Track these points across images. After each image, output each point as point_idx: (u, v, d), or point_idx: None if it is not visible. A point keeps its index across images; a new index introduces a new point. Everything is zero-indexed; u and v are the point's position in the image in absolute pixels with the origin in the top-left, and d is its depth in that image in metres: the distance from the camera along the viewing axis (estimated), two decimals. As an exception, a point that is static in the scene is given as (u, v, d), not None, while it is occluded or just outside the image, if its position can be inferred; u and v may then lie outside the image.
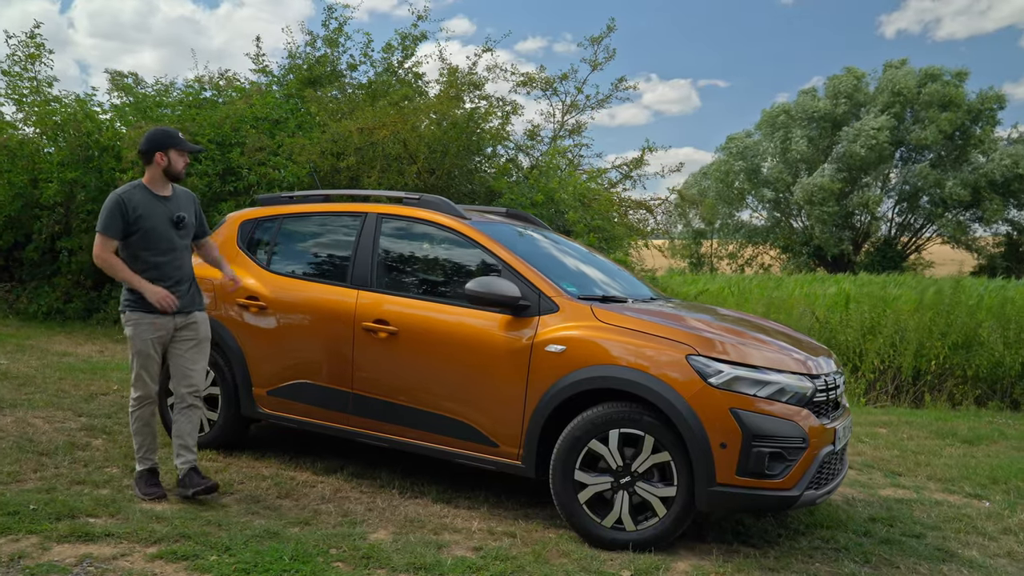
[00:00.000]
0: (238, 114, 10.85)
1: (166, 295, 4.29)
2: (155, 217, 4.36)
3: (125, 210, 4.30)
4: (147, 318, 4.34)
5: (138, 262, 4.35)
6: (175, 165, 4.43)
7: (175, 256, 4.42)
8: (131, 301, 4.37)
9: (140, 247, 4.34)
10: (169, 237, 4.39)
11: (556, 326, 4.17)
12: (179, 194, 4.54)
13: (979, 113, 41.65)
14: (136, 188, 4.40)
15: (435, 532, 4.10)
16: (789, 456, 3.81)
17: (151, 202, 4.37)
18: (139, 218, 4.31)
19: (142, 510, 4.16)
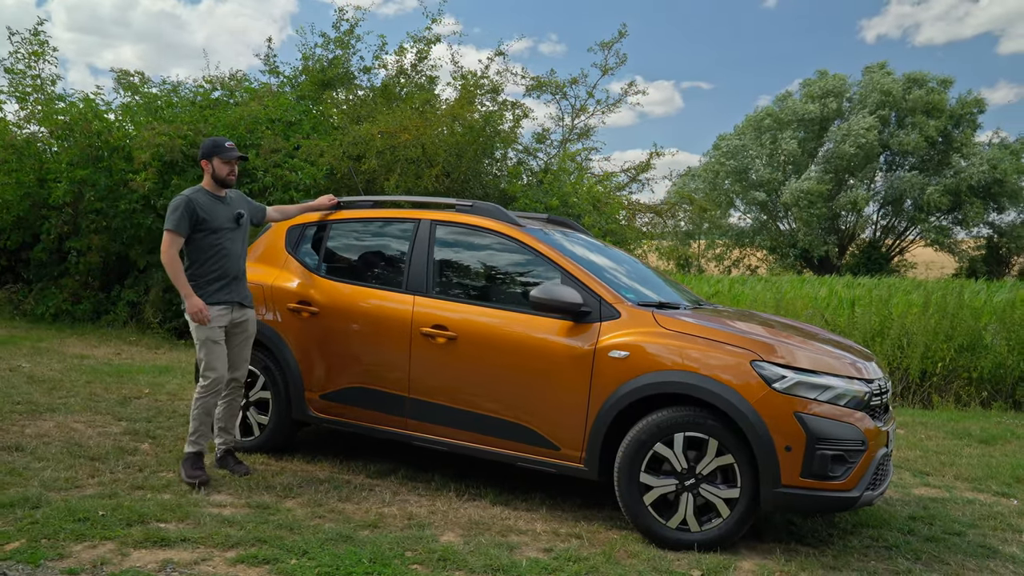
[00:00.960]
0: (252, 115, 10.85)
1: (201, 309, 4.67)
2: (218, 217, 4.78)
3: (193, 210, 4.70)
4: (213, 310, 4.75)
5: (203, 258, 4.75)
6: (219, 172, 4.87)
7: (234, 252, 4.84)
8: (201, 294, 4.72)
9: (206, 244, 4.74)
10: (231, 235, 4.82)
11: (619, 332, 4.28)
12: (232, 195, 4.97)
13: (960, 118, 42.25)
14: (199, 191, 4.83)
15: (502, 534, 4.20)
16: (850, 458, 3.94)
17: (212, 203, 4.80)
18: (205, 219, 4.72)
19: (211, 515, 4.22)
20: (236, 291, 4.85)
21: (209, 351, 4.74)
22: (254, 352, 5.33)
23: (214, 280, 4.76)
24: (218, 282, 4.77)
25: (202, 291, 4.72)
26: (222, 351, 4.78)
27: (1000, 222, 42.22)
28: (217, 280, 4.77)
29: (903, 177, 42.28)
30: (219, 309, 4.76)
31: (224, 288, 4.79)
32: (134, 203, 10.93)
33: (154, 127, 10.52)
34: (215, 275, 4.76)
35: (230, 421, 5.04)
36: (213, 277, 4.76)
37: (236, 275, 4.85)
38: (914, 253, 44.79)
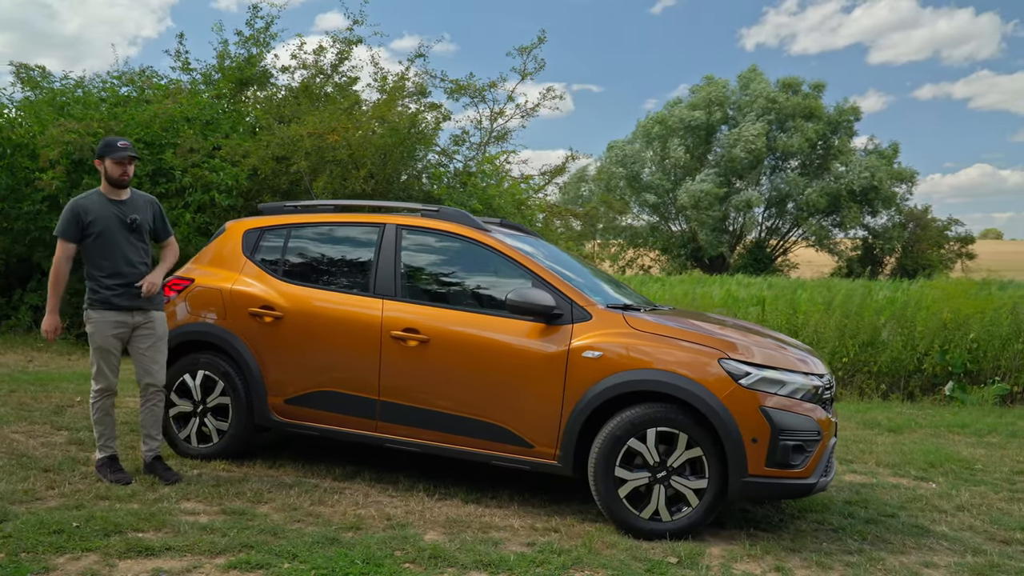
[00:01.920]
0: (167, 113, 10.53)
1: (51, 329, 4.73)
2: (108, 220, 4.69)
3: (77, 214, 4.66)
4: (108, 316, 4.71)
5: (94, 263, 4.70)
6: (111, 172, 4.74)
7: (129, 256, 4.74)
8: (94, 300, 4.72)
9: (95, 249, 4.68)
10: (123, 238, 4.74)
11: (591, 333, 4.47)
12: (135, 198, 4.87)
13: (838, 125, 44.79)
14: (92, 194, 4.77)
15: (483, 531, 4.32)
16: (807, 448, 4.26)
17: (103, 206, 4.73)
18: (91, 223, 4.67)
19: (188, 522, 4.17)
20: (131, 295, 4.73)
21: (100, 359, 4.73)
22: (212, 357, 5.26)
23: (109, 285, 4.69)
24: (113, 288, 4.69)
25: (99, 296, 4.68)
26: (114, 360, 4.76)
27: (874, 224, 44.97)
28: (112, 285, 4.68)
29: (787, 178, 44.50)
30: (115, 315, 4.70)
31: (120, 294, 4.70)
32: (38, 203, 10.44)
33: (63, 124, 10.08)
34: (108, 280, 4.68)
35: (154, 427, 4.93)
36: (108, 282, 4.68)
37: (133, 279, 4.72)
38: (796, 253, 47.17)
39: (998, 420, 8.61)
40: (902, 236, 43.91)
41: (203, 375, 5.29)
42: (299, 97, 11.24)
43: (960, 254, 44.84)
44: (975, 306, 11.10)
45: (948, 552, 4.43)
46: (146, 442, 4.91)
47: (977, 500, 5.47)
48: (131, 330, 4.77)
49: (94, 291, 4.70)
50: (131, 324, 4.75)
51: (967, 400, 9.84)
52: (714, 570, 3.95)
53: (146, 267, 4.82)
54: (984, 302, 11.28)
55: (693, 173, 44.98)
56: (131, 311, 4.74)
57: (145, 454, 4.92)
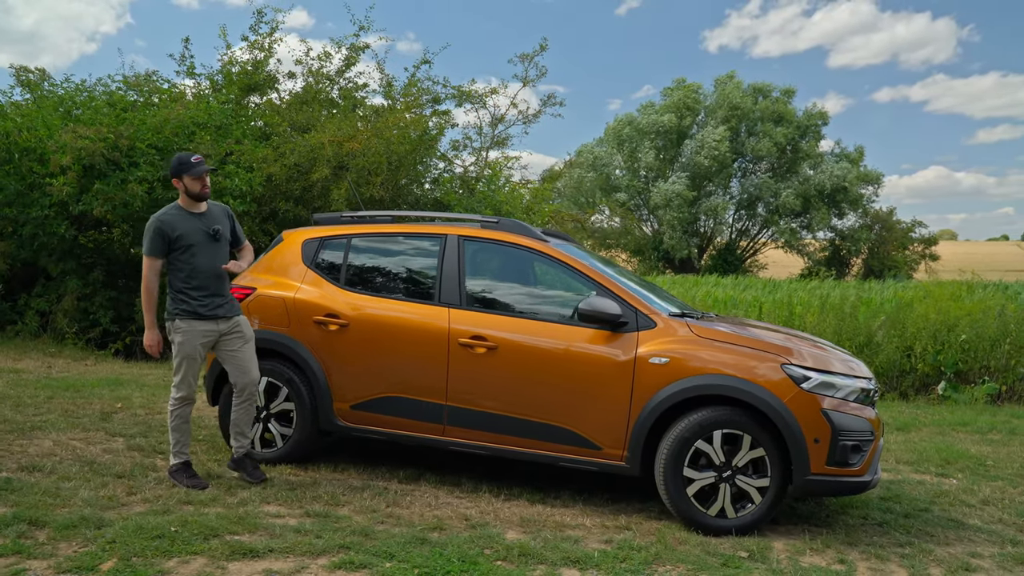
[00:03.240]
0: (178, 118, 10.57)
1: (153, 345, 4.86)
2: (192, 233, 4.86)
3: (162, 231, 4.81)
4: (197, 325, 4.88)
5: (181, 276, 4.85)
6: (191, 188, 4.92)
7: (212, 267, 4.92)
8: (182, 310, 4.87)
9: (182, 262, 4.85)
10: (207, 249, 4.91)
11: (657, 340, 4.72)
12: (212, 209, 5.04)
13: (807, 129, 45.70)
14: (172, 209, 4.94)
15: (559, 529, 4.54)
16: (864, 447, 4.55)
17: (185, 220, 4.88)
18: (178, 237, 4.81)
19: (280, 525, 4.33)
20: (223, 307, 4.94)
21: (186, 368, 4.90)
22: (276, 364, 5.41)
23: (196, 296, 4.86)
24: (200, 299, 4.86)
25: (182, 306, 4.84)
26: (198, 368, 4.94)
27: (842, 226, 45.96)
28: (199, 296, 4.85)
29: (757, 182, 45.33)
30: (203, 324, 4.87)
31: (207, 304, 4.88)
32: (47, 208, 10.42)
33: (74, 130, 10.07)
34: (196, 292, 4.85)
35: (247, 426, 5.13)
36: (195, 294, 4.85)
37: (217, 289, 4.92)
38: (766, 254, 48.01)
39: (993, 418, 9.03)
40: (868, 238, 44.95)
41: (266, 381, 5.43)
42: (311, 104, 11.33)
43: (924, 255, 46.00)
44: (963, 308, 11.57)
45: (988, 543, 4.74)
46: (237, 439, 5.13)
47: (998, 495, 5.81)
48: (218, 337, 4.94)
49: (182, 302, 4.86)
50: (218, 332, 4.93)
51: (959, 399, 10.27)
52: (783, 563, 4.21)
53: (227, 282, 5.02)
54: (972, 305, 11.75)
55: (663, 175, 45.60)
56: (217, 320, 4.92)
57: (236, 450, 5.13)
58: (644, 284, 5.65)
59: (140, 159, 10.29)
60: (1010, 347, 10.65)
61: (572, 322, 4.89)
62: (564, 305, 5.09)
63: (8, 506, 4.33)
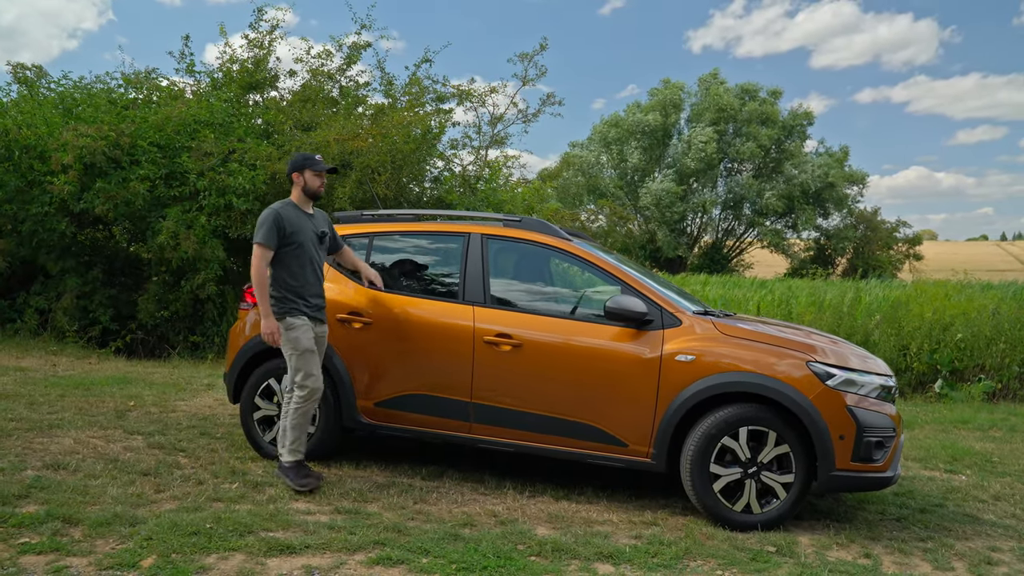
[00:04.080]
0: (180, 117, 10.53)
1: (274, 331, 4.83)
2: (304, 232, 4.88)
3: (280, 223, 4.79)
4: (309, 322, 4.91)
5: (290, 273, 4.84)
6: (311, 184, 4.96)
7: (317, 269, 4.95)
8: (292, 309, 4.86)
9: (292, 260, 4.83)
10: (315, 251, 4.93)
11: (683, 338, 4.77)
12: (317, 213, 5.07)
13: (792, 129, 46.06)
14: (288, 204, 4.92)
15: (588, 525, 4.59)
16: (886, 444, 4.63)
17: (299, 217, 4.90)
18: (292, 233, 4.81)
19: (313, 521, 4.36)
20: (322, 310, 5.02)
21: (306, 360, 4.86)
22: (299, 362, 5.42)
23: (302, 294, 4.88)
24: (305, 296, 4.89)
25: (291, 304, 4.84)
26: (316, 359, 4.92)
27: (827, 226, 46.34)
28: (304, 294, 4.89)
29: (742, 182, 45.65)
30: (305, 320, 4.89)
31: (310, 302, 4.92)
32: (47, 206, 10.35)
33: (76, 128, 10.01)
34: (301, 289, 4.88)
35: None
36: (301, 291, 4.87)
37: (321, 295, 5.01)
38: (752, 254, 48.34)
39: (992, 416, 9.17)
40: (853, 237, 45.35)
41: (289, 380, 5.44)
42: (315, 102, 11.32)
43: (908, 255, 46.47)
44: (958, 307, 11.73)
45: (1005, 537, 4.83)
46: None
47: (1008, 490, 5.91)
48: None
49: (291, 300, 4.86)
50: (314, 332, 4.95)
51: (956, 397, 10.42)
52: (810, 558, 4.28)
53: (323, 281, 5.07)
54: (966, 304, 11.91)
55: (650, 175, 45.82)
56: (316, 323, 4.98)
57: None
58: (667, 283, 5.71)
59: (142, 157, 10.25)
60: (1005, 345, 10.81)
61: (597, 320, 4.94)
62: (588, 303, 5.14)
63: (39, 504, 4.33)
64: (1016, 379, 10.68)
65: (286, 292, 4.87)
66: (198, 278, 10.16)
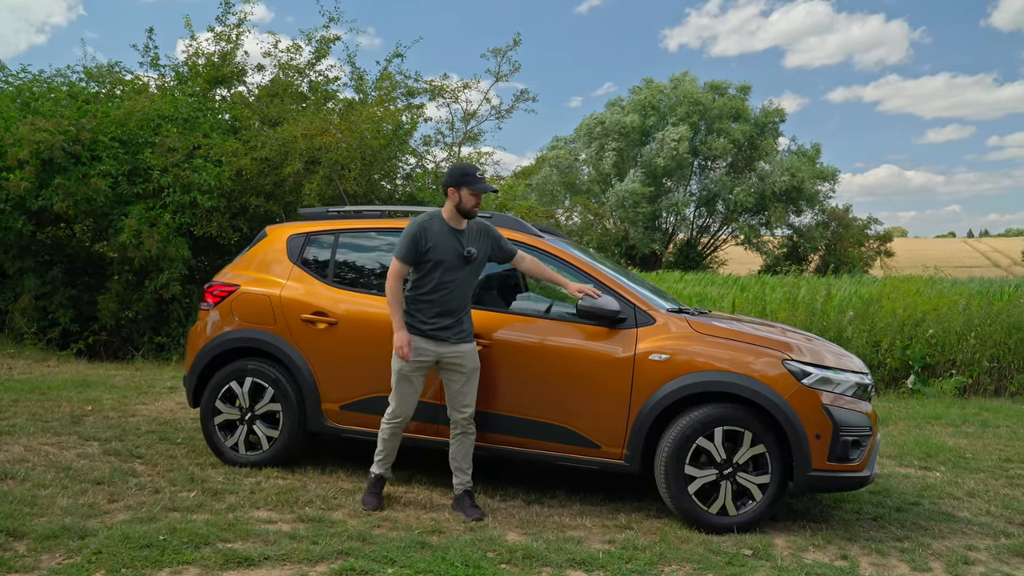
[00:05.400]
0: (143, 111, 10.26)
1: (403, 346, 4.53)
2: (446, 251, 4.56)
3: (419, 239, 4.53)
4: (416, 341, 4.60)
5: (422, 289, 4.59)
6: (465, 203, 4.61)
7: (457, 291, 4.61)
8: (407, 324, 4.61)
9: (427, 277, 4.58)
10: (455, 272, 4.59)
11: (657, 337, 4.65)
12: (472, 227, 4.71)
13: (764, 126, 46.29)
14: (435, 218, 4.63)
15: (560, 530, 4.46)
16: (863, 443, 4.55)
17: (445, 234, 4.59)
18: (431, 248, 4.54)
19: (273, 531, 4.18)
20: (450, 329, 4.61)
21: (397, 387, 4.64)
22: (261, 364, 5.25)
23: (429, 315, 4.59)
24: (432, 318, 4.58)
25: (411, 319, 4.61)
26: (412, 388, 4.65)
27: (799, 223, 46.66)
28: (431, 315, 4.58)
29: (715, 179, 45.84)
30: (423, 343, 4.58)
31: (436, 326, 4.59)
32: (3, 203, 10.03)
33: (33, 123, 9.71)
34: (430, 309, 4.58)
35: (464, 460, 4.74)
36: (428, 312, 4.58)
37: (454, 314, 4.61)
38: (726, 251, 48.55)
39: (964, 411, 9.16)
40: (825, 235, 45.69)
41: (251, 382, 5.26)
42: (282, 97, 11.08)
43: (879, 252, 46.90)
44: (929, 303, 11.75)
45: (981, 535, 4.77)
46: (457, 475, 4.77)
47: (982, 487, 5.86)
48: (435, 360, 4.64)
49: (408, 315, 4.61)
50: (437, 354, 4.62)
51: (928, 393, 10.43)
52: (787, 560, 4.18)
53: (467, 307, 4.70)
54: (937, 300, 11.94)
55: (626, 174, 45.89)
56: (438, 341, 4.61)
57: (456, 487, 4.77)
58: (641, 281, 5.60)
59: (103, 152, 9.97)
60: (975, 341, 10.84)
61: (569, 319, 4.81)
62: (560, 302, 5.01)
63: (-17, 516, 4.12)
64: (987, 374, 10.71)
65: (410, 305, 4.63)
66: (162, 278, 9.91)
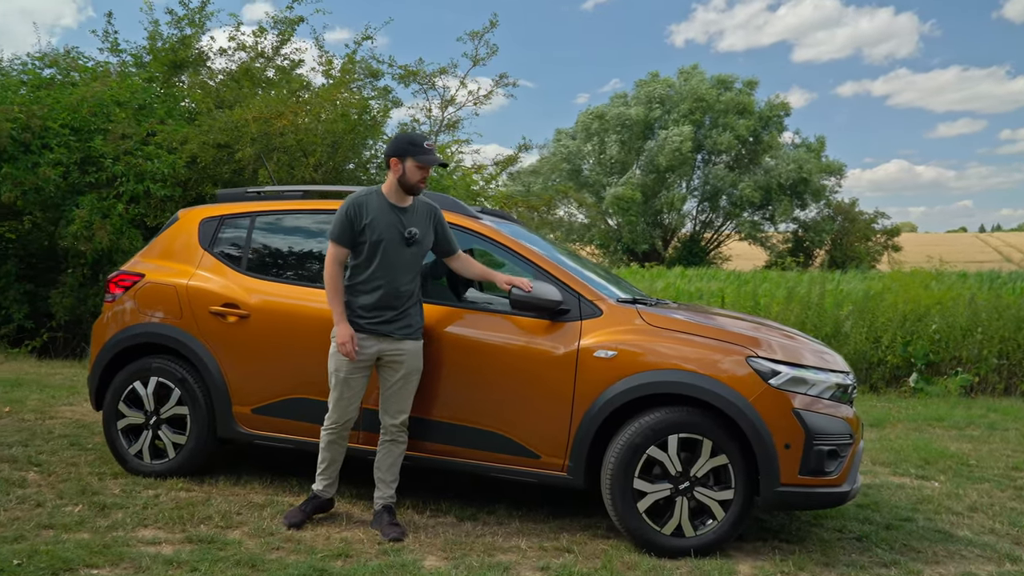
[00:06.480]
0: (96, 97, 9.71)
1: (347, 342, 3.96)
2: (385, 228, 3.99)
3: (352, 215, 3.95)
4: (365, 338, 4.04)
5: (358, 273, 4.01)
6: (410, 176, 4.02)
7: (396, 275, 4.01)
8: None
9: (364, 258, 4.02)
10: (396, 253, 4.01)
11: (603, 330, 4.05)
12: (417, 207, 4.12)
13: (769, 120, 45.48)
14: (373, 193, 4.08)
15: (488, 554, 3.86)
16: (841, 452, 3.93)
17: (384, 210, 4.02)
18: (367, 227, 3.98)
19: (150, 555, 3.61)
20: (393, 323, 4.03)
21: (336, 388, 4.07)
22: (167, 362, 4.68)
23: (367, 306, 4.02)
24: (372, 311, 4.01)
25: (351, 314, 4.03)
26: (352, 391, 4.07)
27: (804, 218, 45.85)
28: (370, 307, 4.01)
29: (718, 174, 45.06)
30: (360, 338, 4.01)
31: (377, 319, 4.02)
32: (-50, 194, 9.49)
33: (-19, 108, 9.17)
34: (366, 297, 4.01)
35: (389, 472, 4.17)
36: (367, 302, 4.01)
37: (393, 302, 4.02)
38: (730, 246, 47.81)
39: (969, 412, 8.52)
40: (831, 229, 44.87)
41: (156, 382, 4.69)
42: (240, 81, 10.51)
43: (886, 246, 46.04)
44: (933, 297, 11.09)
45: (982, 560, 4.15)
46: (379, 487, 4.19)
47: (986, 499, 5.24)
48: (375, 357, 4.07)
49: (350, 309, 4.03)
50: (376, 352, 4.05)
51: (931, 392, 9.78)
52: (750, 591, 3.57)
53: (412, 297, 4.09)
54: (942, 293, 11.29)
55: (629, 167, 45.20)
56: (379, 336, 4.03)
57: (376, 501, 4.19)
58: (592, 267, 5.00)
59: (53, 141, 9.41)
60: (982, 337, 10.18)
61: (505, 310, 4.21)
62: (497, 291, 4.41)
63: None
64: (995, 371, 10.05)
65: (349, 297, 4.06)
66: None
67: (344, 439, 4.19)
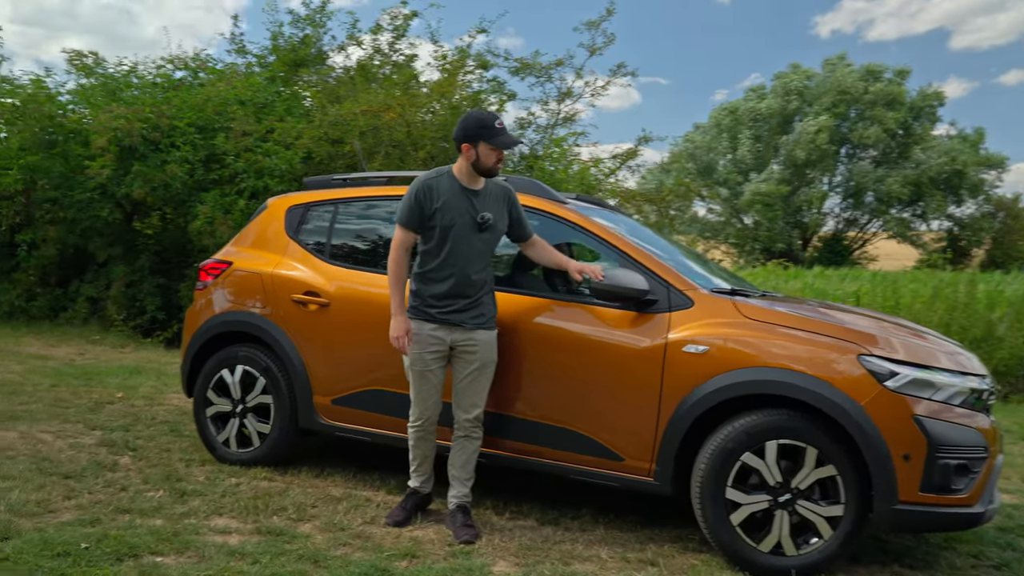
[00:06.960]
0: (220, 96, 10.04)
1: (400, 336, 3.79)
2: (456, 212, 3.76)
3: (421, 198, 3.75)
4: (425, 328, 3.83)
5: (428, 260, 3.83)
6: (484, 161, 3.77)
7: (468, 262, 3.79)
8: (413, 307, 3.89)
9: (433, 244, 3.80)
10: (467, 238, 3.79)
11: (694, 323, 3.68)
12: (490, 189, 3.89)
13: (920, 111, 42.64)
14: (444, 175, 3.84)
15: (564, 562, 3.57)
16: (973, 468, 3.40)
17: (455, 194, 3.78)
18: (438, 211, 3.75)
19: (216, 544, 3.52)
20: (465, 312, 3.81)
21: (414, 383, 3.89)
22: (253, 350, 4.64)
23: (438, 295, 3.81)
24: (443, 300, 3.80)
25: (421, 303, 3.85)
26: (430, 385, 3.86)
27: (960, 215, 42.72)
28: (441, 296, 3.80)
29: (862, 170, 42.60)
30: (431, 328, 3.82)
31: (448, 308, 3.80)
32: (90, 192, 10.06)
33: (111, 109, 9.66)
34: (437, 285, 3.80)
35: (463, 469, 3.94)
36: (438, 291, 3.80)
37: (465, 291, 3.79)
38: (876, 246, 45.16)
39: None
40: (991, 227, 41.56)
41: (242, 370, 4.67)
42: (354, 77, 10.63)
43: (1056, 246, 42.24)
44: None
45: None
46: (453, 485, 3.98)
47: None
48: (448, 348, 3.85)
49: (417, 297, 3.86)
50: (449, 342, 3.83)
51: (1098, 402, 8.70)
52: (858, 621, 3.12)
53: (485, 286, 3.87)
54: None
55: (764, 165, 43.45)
56: (451, 327, 3.82)
57: (450, 500, 3.98)
58: (690, 255, 4.62)
59: (180, 139, 9.80)
60: None
61: (590, 301, 3.91)
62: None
63: (-90, 513, 3.68)
64: None
65: (417, 286, 3.86)
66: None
67: (431, 434, 3.97)
